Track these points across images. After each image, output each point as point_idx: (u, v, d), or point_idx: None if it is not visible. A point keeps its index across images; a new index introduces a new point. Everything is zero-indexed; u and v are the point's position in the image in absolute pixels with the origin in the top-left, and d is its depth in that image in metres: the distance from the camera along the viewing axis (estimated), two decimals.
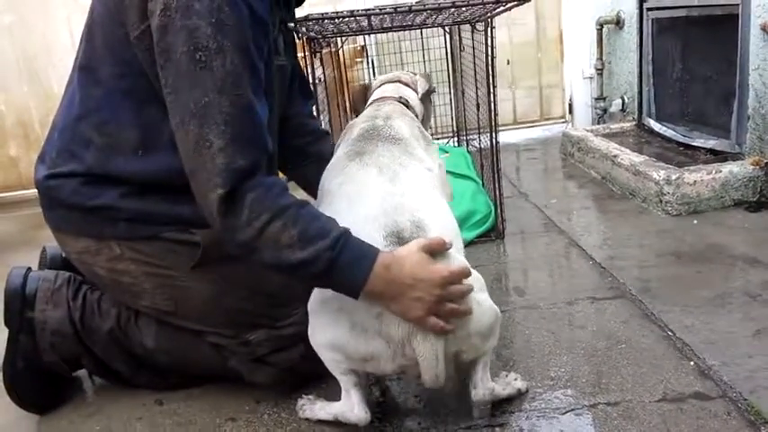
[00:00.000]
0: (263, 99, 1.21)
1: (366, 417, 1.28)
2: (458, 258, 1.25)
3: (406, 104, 1.59)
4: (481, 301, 1.24)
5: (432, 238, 1.19)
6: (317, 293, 1.27)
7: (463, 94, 3.11)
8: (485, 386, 1.28)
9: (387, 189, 1.27)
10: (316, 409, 1.38)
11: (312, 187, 1.77)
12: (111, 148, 1.31)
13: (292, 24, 1.56)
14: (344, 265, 1.13)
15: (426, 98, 1.72)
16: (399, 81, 1.69)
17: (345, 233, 1.15)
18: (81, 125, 1.33)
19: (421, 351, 1.17)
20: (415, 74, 1.74)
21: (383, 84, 1.70)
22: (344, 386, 1.29)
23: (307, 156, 1.71)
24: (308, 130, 1.72)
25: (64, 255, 1.65)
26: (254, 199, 1.13)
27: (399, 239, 1.19)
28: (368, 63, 3.73)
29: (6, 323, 1.49)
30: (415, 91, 1.68)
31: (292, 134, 1.63)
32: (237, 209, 1.12)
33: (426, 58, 3.44)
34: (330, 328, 1.23)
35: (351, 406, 1.29)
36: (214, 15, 1.11)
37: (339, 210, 1.27)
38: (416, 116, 1.60)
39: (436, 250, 1.18)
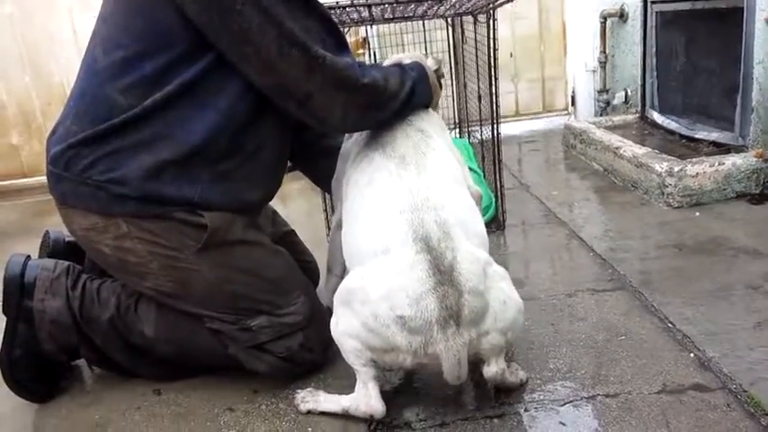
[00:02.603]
0: None
1: (383, 409, 1.28)
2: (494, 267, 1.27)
3: None
4: (506, 299, 1.25)
5: None
6: (343, 285, 1.27)
7: (465, 86, 3.09)
8: (498, 365, 1.27)
9: (412, 180, 1.28)
10: (320, 400, 1.37)
11: (322, 181, 1.78)
12: (135, 106, 1.31)
13: None
14: (420, 86, 1.48)
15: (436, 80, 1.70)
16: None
17: (409, 69, 1.48)
18: (104, 89, 1.33)
19: (444, 355, 1.17)
20: (427, 55, 1.72)
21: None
22: (362, 378, 1.29)
23: (318, 149, 1.72)
24: None
25: (67, 239, 1.66)
26: (371, 77, 1.35)
27: (429, 248, 1.19)
28: (370, 55, 3.71)
29: (4, 311, 1.49)
30: None
31: (304, 126, 1.62)
32: (371, 81, 1.33)
33: (429, 50, 3.42)
34: (354, 318, 1.23)
35: (367, 398, 1.28)
36: None
37: (366, 202, 1.30)
38: None
39: None
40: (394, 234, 1.22)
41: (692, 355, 1.44)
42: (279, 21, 1.22)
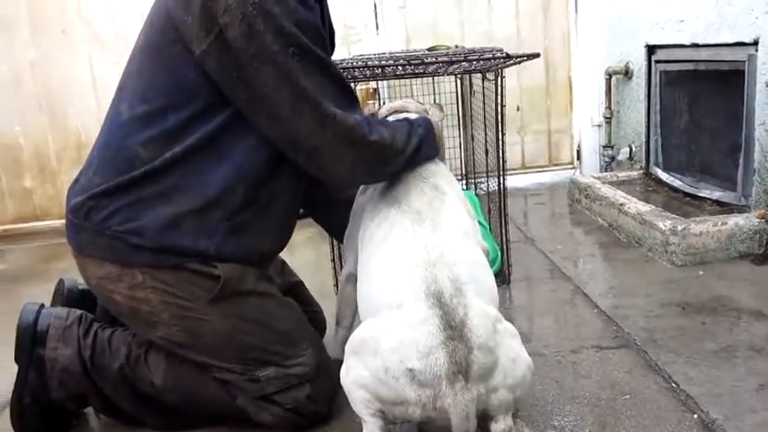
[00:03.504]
0: None
1: None
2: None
3: None
4: (515, 357, 1.27)
5: None
6: (356, 334, 1.29)
7: (473, 138, 3.15)
8: (505, 422, 1.28)
9: (428, 237, 1.31)
10: None
11: (336, 231, 1.82)
12: (154, 160, 1.36)
13: None
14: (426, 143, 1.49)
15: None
16: (407, 111, 1.70)
17: (418, 125, 1.51)
18: (126, 141, 1.38)
19: (452, 410, 1.18)
20: (423, 104, 1.75)
21: (391, 113, 1.72)
22: (369, 428, 1.29)
23: (335, 199, 1.75)
24: None
25: (81, 287, 1.69)
26: (379, 134, 1.38)
27: (441, 303, 1.21)
28: (380, 104, 3.79)
29: (16, 359, 1.51)
30: None
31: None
32: (379, 138, 1.37)
33: (438, 101, 3.50)
34: (364, 369, 1.24)
35: None
36: (292, 15, 1.27)
37: (384, 259, 1.33)
38: None
39: None
40: (408, 289, 1.25)
41: (695, 416, 1.45)
42: (293, 78, 1.28)
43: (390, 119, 1.68)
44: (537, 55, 1.92)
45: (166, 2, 1.35)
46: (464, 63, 2.06)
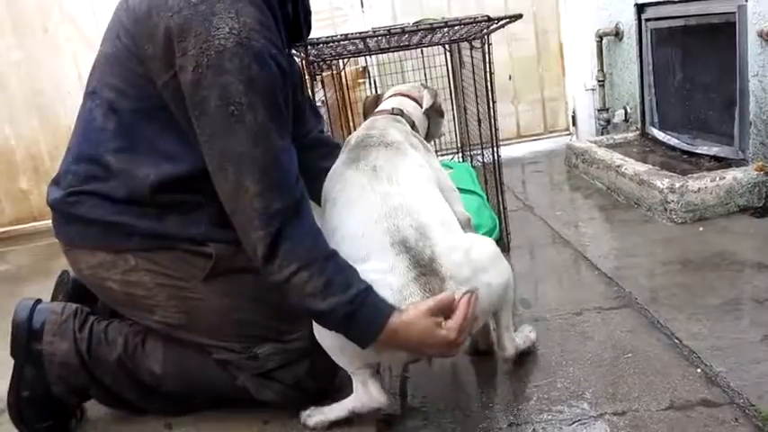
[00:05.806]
0: (291, 143, 1.30)
1: (387, 400, 1.35)
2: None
3: (401, 114, 1.62)
4: (491, 280, 1.30)
5: (439, 299, 1.23)
6: None
7: (465, 110, 3.12)
8: (512, 345, 1.43)
9: (385, 190, 1.32)
10: (325, 411, 1.42)
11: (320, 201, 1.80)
12: (128, 172, 1.36)
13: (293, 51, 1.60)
14: (358, 321, 1.22)
15: (434, 113, 1.74)
16: (408, 95, 1.72)
17: (364, 291, 1.23)
18: (99, 149, 1.37)
19: None
20: (426, 88, 1.76)
21: (391, 96, 1.73)
22: (359, 378, 1.34)
23: (319, 171, 1.73)
24: (323, 142, 1.75)
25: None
26: (287, 249, 1.22)
27: (407, 248, 1.25)
28: (370, 83, 3.75)
29: (12, 354, 1.51)
30: (420, 105, 1.70)
31: (307, 149, 1.62)
32: (274, 254, 1.22)
33: (428, 76, 3.47)
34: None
35: (369, 394, 1.34)
36: (244, 73, 1.18)
37: (342, 215, 1.34)
38: (415, 127, 1.63)
39: (444, 310, 1.23)
40: (372, 242, 1.27)
41: (699, 370, 1.44)
42: (224, 136, 1.21)
43: (392, 99, 1.69)
44: (519, 16, 1.88)
45: (122, 21, 1.32)
46: (446, 30, 2.02)
